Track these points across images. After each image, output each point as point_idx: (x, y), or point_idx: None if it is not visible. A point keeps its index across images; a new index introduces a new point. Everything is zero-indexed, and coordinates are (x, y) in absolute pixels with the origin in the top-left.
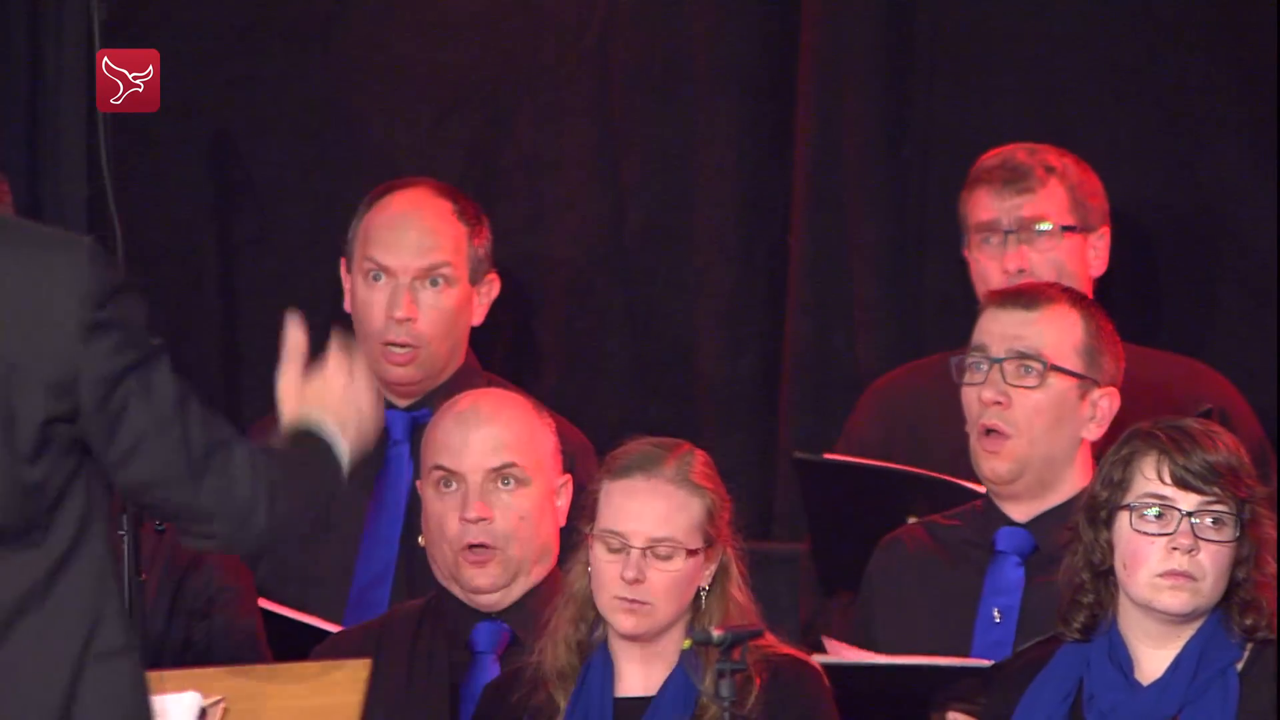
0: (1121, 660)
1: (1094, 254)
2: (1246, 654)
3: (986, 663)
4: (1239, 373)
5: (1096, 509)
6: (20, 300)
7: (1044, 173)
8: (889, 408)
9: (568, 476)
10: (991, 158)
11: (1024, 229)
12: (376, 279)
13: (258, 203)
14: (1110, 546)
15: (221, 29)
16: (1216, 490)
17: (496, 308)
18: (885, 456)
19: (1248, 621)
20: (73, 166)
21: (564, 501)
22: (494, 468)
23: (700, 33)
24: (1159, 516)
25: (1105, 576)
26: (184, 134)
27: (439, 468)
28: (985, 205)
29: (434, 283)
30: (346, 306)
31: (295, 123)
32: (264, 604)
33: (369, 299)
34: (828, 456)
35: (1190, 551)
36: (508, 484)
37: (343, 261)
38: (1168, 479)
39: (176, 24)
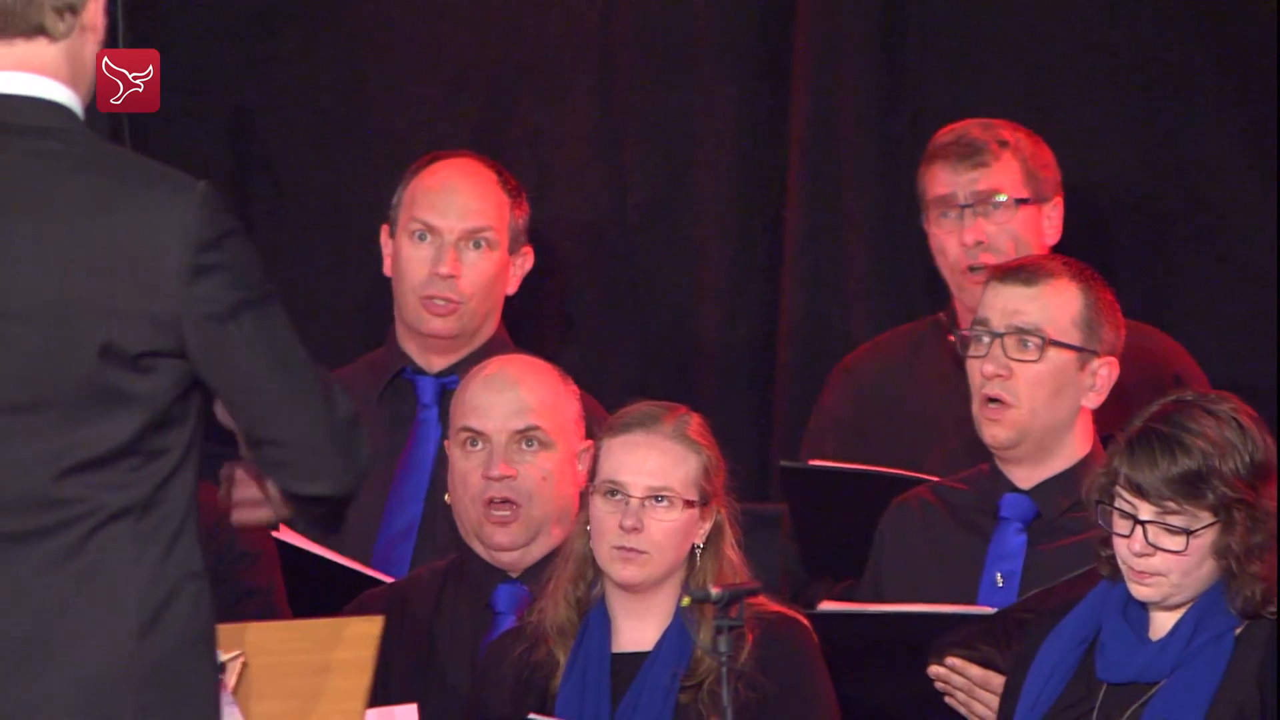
0: (1135, 617)
1: (1048, 224)
2: (1245, 624)
3: (987, 609)
4: (1216, 345)
5: (1100, 490)
6: (128, 237)
7: (998, 147)
8: (858, 384)
9: (589, 442)
10: (946, 134)
11: (980, 202)
12: (422, 238)
13: (273, 176)
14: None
15: (239, 10)
16: (1170, 503)
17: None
18: (857, 431)
19: (1237, 604)
20: None
21: (585, 466)
22: (518, 429)
23: (700, 13)
24: (1123, 518)
25: None
26: (203, 110)
27: (466, 429)
28: (942, 180)
29: (476, 245)
30: (386, 270)
31: (309, 100)
32: (295, 539)
33: (413, 255)
34: (812, 464)
35: (1142, 555)
36: (531, 445)
37: (384, 229)
38: (1126, 486)
39: (196, 6)
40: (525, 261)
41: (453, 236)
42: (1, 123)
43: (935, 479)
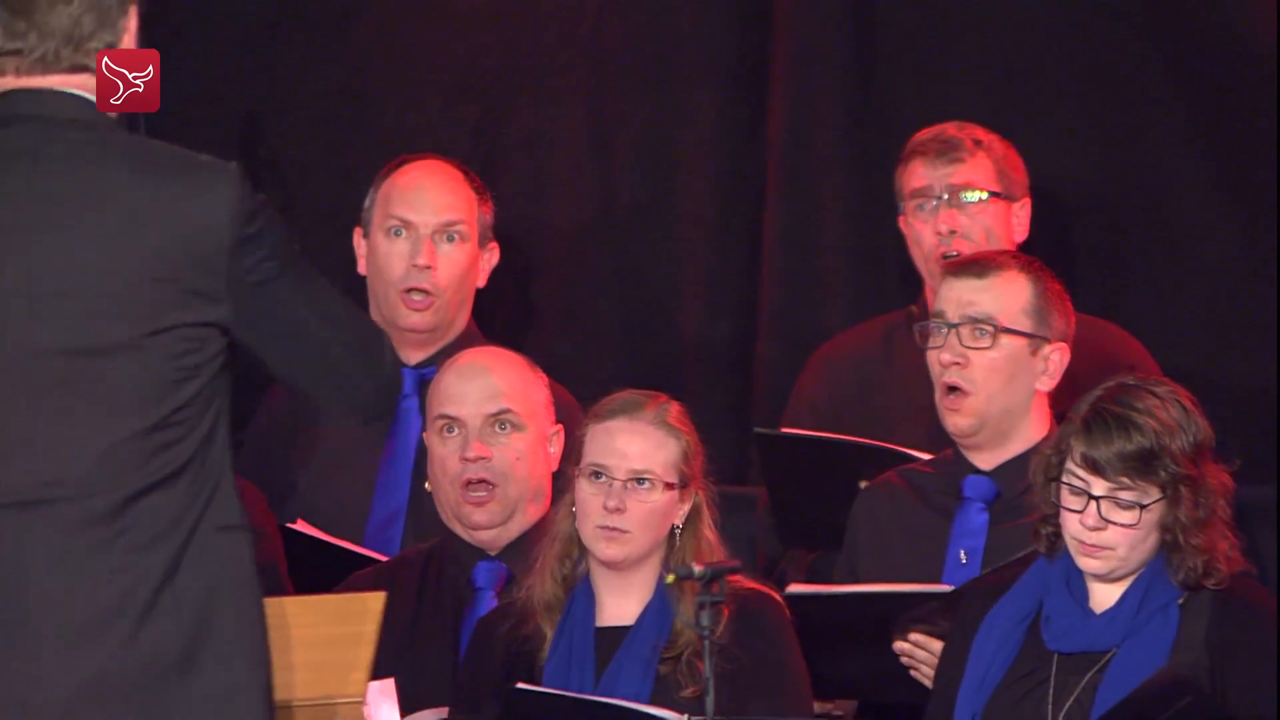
0: (1077, 590)
1: (1016, 221)
2: (1186, 594)
3: (946, 587)
4: (1169, 336)
5: (1047, 468)
6: (180, 215)
7: (972, 145)
8: (834, 370)
9: (559, 426)
10: (924, 134)
11: (954, 195)
12: (398, 234)
13: (282, 178)
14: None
15: (250, 20)
16: (1124, 479)
17: (500, 274)
18: (834, 414)
19: (1179, 576)
20: None
21: (556, 449)
22: (491, 414)
23: (684, 25)
24: (1075, 494)
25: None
26: (215, 115)
27: (442, 416)
28: (919, 174)
29: (450, 238)
30: (361, 269)
31: (316, 105)
32: (307, 529)
33: (391, 251)
34: (785, 430)
35: (1095, 529)
36: (504, 429)
37: (357, 231)
38: (1082, 463)
39: (210, 16)
40: (492, 256)
41: (428, 230)
42: (51, 117)
43: (903, 449)
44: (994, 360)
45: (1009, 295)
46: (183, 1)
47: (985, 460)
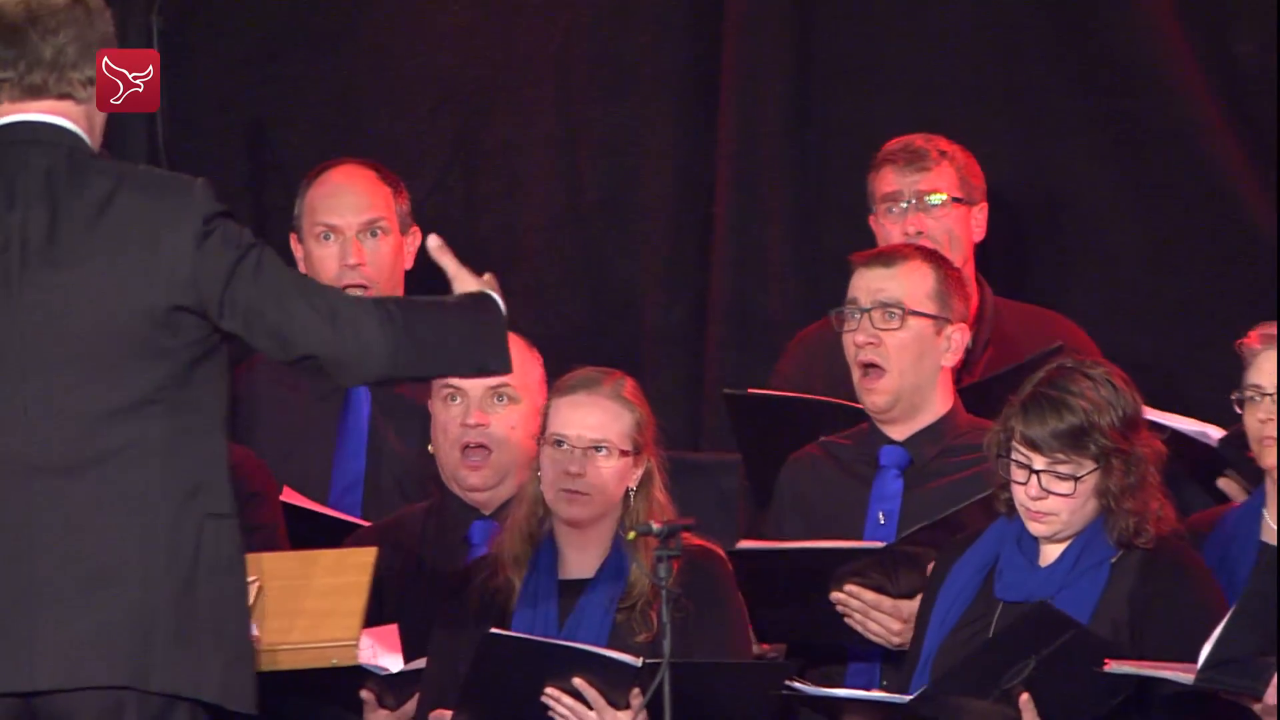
0: (1028, 547)
1: (975, 223)
2: (1120, 553)
3: (879, 544)
4: (1084, 320)
5: (997, 445)
6: (152, 217)
7: (938, 155)
8: (809, 353)
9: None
10: (895, 143)
11: (920, 200)
12: (326, 239)
13: (284, 179)
14: (1003, 475)
15: (256, 38)
16: (1060, 454)
17: (478, 265)
18: (805, 390)
19: (1114, 536)
20: (135, 149)
21: None
22: (491, 386)
23: (643, 41)
24: (1019, 468)
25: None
26: (224, 123)
27: (448, 385)
28: (889, 181)
29: (373, 234)
30: (301, 269)
31: (314, 114)
32: (297, 500)
33: (322, 255)
34: (751, 391)
35: (1038, 499)
36: (501, 400)
37: (292, 236)
38: (1022, 441)
39: (220, 33)
40: (415, 239)
41: (352, 231)
42: (40, 140)
43: (857, 404)
44: (904, 339)
45: (914, 281)
46: (195, 20)
47: (898, 432)
